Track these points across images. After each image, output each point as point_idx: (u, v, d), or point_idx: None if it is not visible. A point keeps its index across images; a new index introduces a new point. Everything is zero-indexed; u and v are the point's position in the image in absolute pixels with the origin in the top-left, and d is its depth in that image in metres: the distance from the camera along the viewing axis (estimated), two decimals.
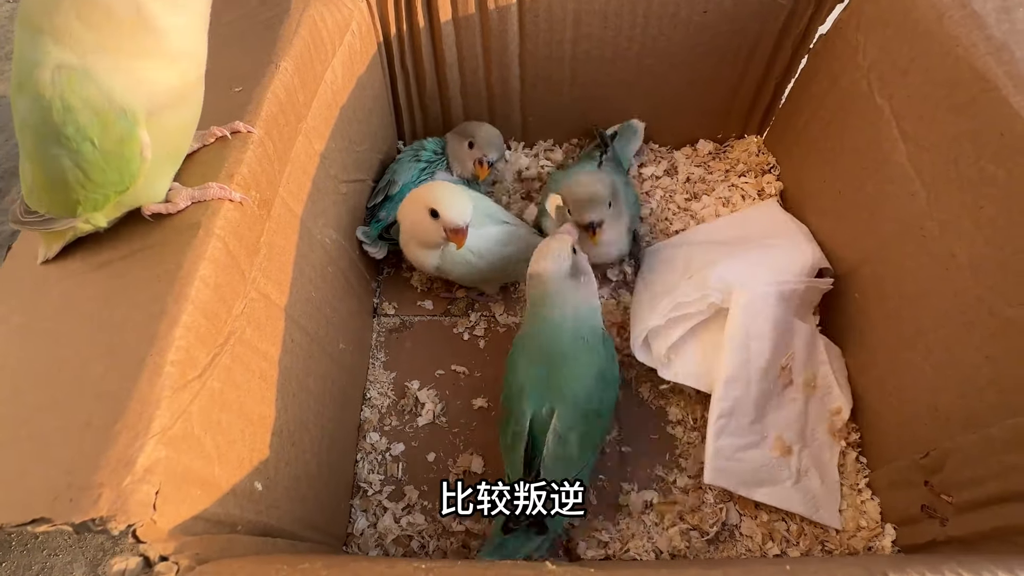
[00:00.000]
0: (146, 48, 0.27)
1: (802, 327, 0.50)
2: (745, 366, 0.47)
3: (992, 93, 0.36)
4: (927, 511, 0.40)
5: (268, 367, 0.35)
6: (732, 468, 0.46)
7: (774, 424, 0.47)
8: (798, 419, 0.48)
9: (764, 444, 0.47)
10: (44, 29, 0.26)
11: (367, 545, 0.46)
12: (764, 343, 0.47)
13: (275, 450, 0.34)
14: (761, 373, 0.47)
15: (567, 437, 0.40)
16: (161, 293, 0.28)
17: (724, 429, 0.46)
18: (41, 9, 0.26)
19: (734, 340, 0.47)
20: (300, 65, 0.41)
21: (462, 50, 0.56)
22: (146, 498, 0.23)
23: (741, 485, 0.45)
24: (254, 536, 0.30)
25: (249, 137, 0.35)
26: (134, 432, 0.24)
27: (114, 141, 0.27)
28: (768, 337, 0.47)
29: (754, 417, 0.47)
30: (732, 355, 0.47)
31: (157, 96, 0.28)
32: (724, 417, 0.46)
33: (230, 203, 0.32)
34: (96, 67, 0.26)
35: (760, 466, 0.46)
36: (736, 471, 0.46)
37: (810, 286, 0.51)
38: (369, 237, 0.54)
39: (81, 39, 0.26)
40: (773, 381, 0.48)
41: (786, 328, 0.49)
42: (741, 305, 0.47)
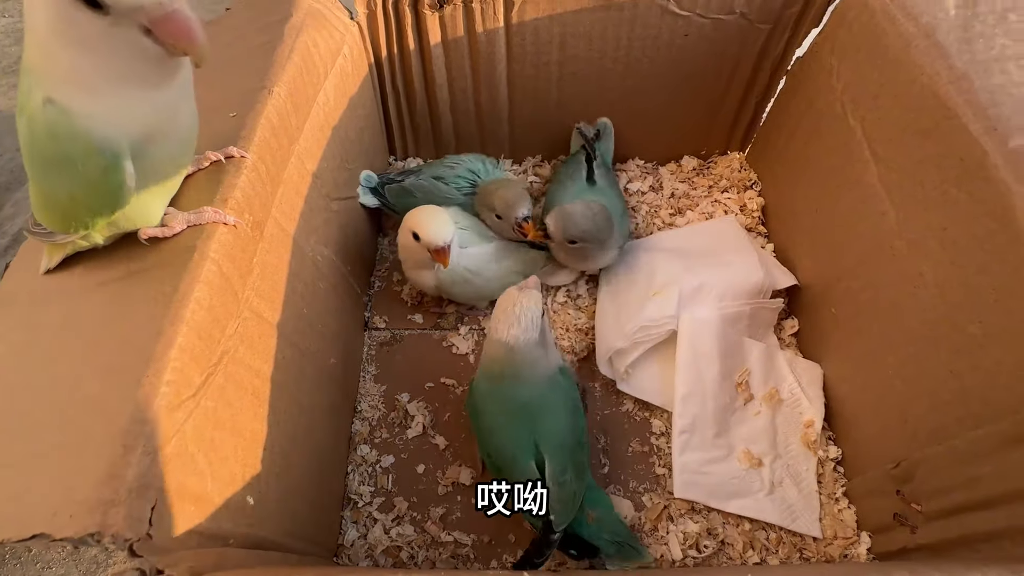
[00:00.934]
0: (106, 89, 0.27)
1: (755, 345, 0.53)
2: (699, 383, 0.50)
3: (953, 120, 0.38)
4: (899, 519, 0.42)
5: (260, 384, 0.36)
6: (700, 481, 0.48)
7: (740, 437, 0.50)
8: (766, 431, 0.50)
9: (731, 457, 0.49)
10: (26, 66, 0.28)
11: (357, 556, 0.47)
12: (712, 362, 0.51)
13: (266, 465, 0.35)
14: (715, 389, 0.50)
15: (564, 479, 0.41)
16: (157, 315, 0.30)
17: (687, 444, 0.49)
18: (26, 46, 0.28)
19: (683, 360, 0.51)
20: (293, 89, 0.42)
21: (451, 71, 0.58)
22: (142, 514, 0.24)
23: (711, 497, 0.47)
24: (246, 549, 0.31)
25: (243, 161, 0.36)
26: (131, 450, 0.25)
27: (97, 171, 0.28)
28: (715, 356, 0.51)
29: (716, 431, 0.49)
30: (684, 374, 0.50)
31: (136, 132, 0.29)
32: (686, 432, 0.49)
33: (224, 226, 0.33)
34: (72, 105, 0.27)
35: (730, 478, 0.48)
36: (705, 484, 0.48)
37: (760, 307, 0.54)
38: (370, 182, 0.57)
39: (57, 81, 0.27)
40: (731, 396, 0.51)
41: (735, 347, 0.52)
42: (686, 330, 0.51)
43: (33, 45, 0.27)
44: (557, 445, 0.42)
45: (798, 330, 0.56)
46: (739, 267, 0.55)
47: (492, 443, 0.44)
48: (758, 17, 0.53)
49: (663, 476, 0.50)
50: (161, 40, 0.27)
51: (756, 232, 0.62)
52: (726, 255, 0.57)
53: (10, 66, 0.92)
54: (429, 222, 0.49)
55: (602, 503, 0.46)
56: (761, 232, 0.62)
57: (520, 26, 0.54)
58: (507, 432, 0.43)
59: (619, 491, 0.49)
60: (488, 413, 0.44)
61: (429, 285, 0.54)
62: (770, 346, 0.54)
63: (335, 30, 0.49)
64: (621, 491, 0.49)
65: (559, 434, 0.43)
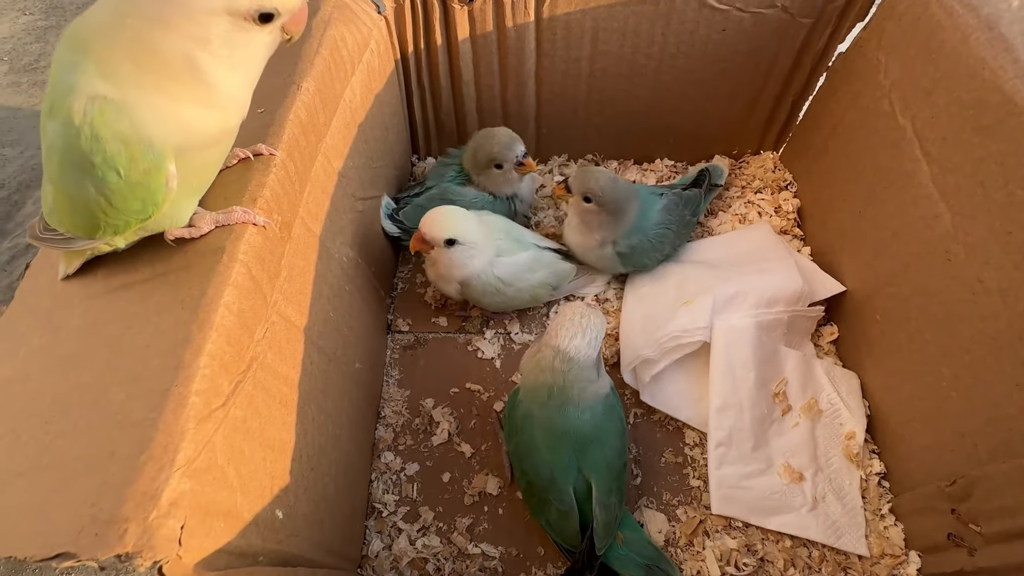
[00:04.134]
0: (192, 97, 0.27)
1: (792, 354, 0.51)
2: (735, 394, 0.48)
3: (1021, 117, 0.35)
4: (954, 540, 0.40)
5: (288, 391, 0.35)
6: (739, 496, 0.46)
7: (779, 451, 0.47)
8: (806, 444, 0.47)
9: (771, 471, 0.47)
10: (91, 55, 0.26)
11: (382, 568, 0.45)
12: (748, 371, 0.49)
13: (295, 476, 0.34)
14: (752, 400, 0.48)
15: (609, 502, 0.40)
16: (185, 319, 0.28)
17: (724, 458, 0.47)
18: (95, 35, 0.26)
19: (718, 370, 0.48)
20: (321, 85, 0.41)
21: (479, 67, 0.56)
22: (172, 533, 0.23)
23: (752, 513, 0.45)
24: (275, 567, 0.30)
25: (272, 160, 0.35)
26: (159, 464, 0.24)
27: (140, 172, 0.27)
28: (751, 366, 0.49)
29: (754, 444, 0.47)
30: (719, 384, 0.48)
31: (193, 138, 0.28)
32: (723, 446, 0.47)
33: (253, 227, 0.32)
34: (133, 102, 0.26)
35: (771, 493, 0.46)
36: (744, 499, 0.45)
37: (798, 314, 0.51)
38: (388, 208, 0.56)
39: (127, 75, 0.26)
40: (768, 407, 0.49)
41: (771, 356, 0.50)
42: (721, 337, 0.49)
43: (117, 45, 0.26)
44: (604, 468, 0.41)
45: (837, 337, 0.54)
46: (776, 275, 0.53)
47: (530, 462, 0.42)
48: (800, 11, 0.51)
49: (698, 488, 0.48)
50: (288, 30, 0.29)
51: (792, 235, 0.60)
52: (762, 263, 0.54)
53: (30, 64, 0.91)
54: (431, 218, 0.48)
55: (630, 524, 0.44)
56: (797, 235, 0.60)
57: (551, 20, 0.52)
58: (549, 455, 0.41)
59: (652, 504, 0.47)
60: (530, 434, 0.42)
61: (452, 291, 0.53)
62: (807, 354, 0.52)
63: (363, 24, 0.47)
64: (654, 504, 0.47)
65: (607, 458, 0.41)
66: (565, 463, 0.40)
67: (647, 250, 0.54)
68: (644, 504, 0.47)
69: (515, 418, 0.44)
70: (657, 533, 0.46)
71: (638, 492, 0.48)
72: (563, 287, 0.56)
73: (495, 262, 0.50)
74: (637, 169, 0.66)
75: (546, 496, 0.41)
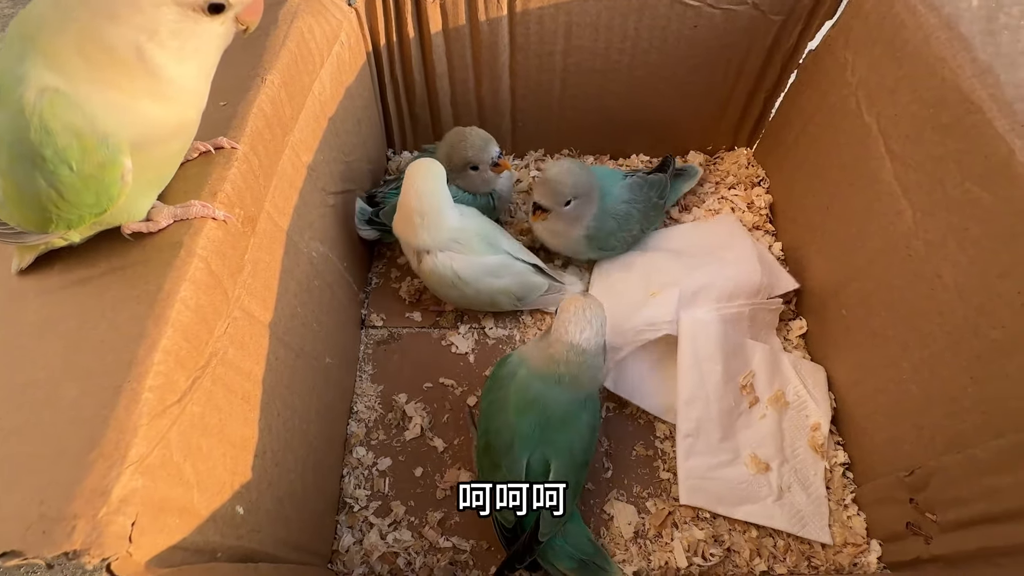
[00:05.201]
0: (144, 89, 0.26)
1: (758, 347, 0.52)
2: (702, 387, 0.49)
3: (977, 115, 0.36)
4: (912, 529, 0.41)
5: (251, 387, 0.35)
6: (707, 487, 0.46)
7: (747, 442, 0.48)
8: (773, 436, 0.48)
9: (738, 462, 0.47)
10: (39, 48, 0.26)
11: (352, 563, 0.45)
12: (715, 364, 0.49)
13: (258, 472, 0.33)
14: (719, 392, 0.49)
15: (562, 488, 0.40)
16: (140, 315, 0.28)
17: (692, 449, 0.48)
18: (42, 26, 0.26)
19: (685, 363, 0.49)
20: (287, 78, 0.41)
21: (452, 60, 0.56)
22: (122, 530, 0.23)
23: (719, 503, 0.46)
24: (235, 563, 0.30)
25: (233, 153, 0.34)
26: (110, 461, 0.24)
27: (94, 166, 0.26)
28: (718, 359, 0.49)
29: (722, 435, 0.48)
30: (686, 377, 0.49)
31: (149, 132, 0.28)
32: (690, 437, 0.48)
33: (213, 221, 0.31)
34: (84, 94, 0.26)
35: (737, 484, 0.46)
36: (712, 490, 0.46)
37: (758, 307, 0.52)
38: (364, 215, 0.55)
39: (76, 68, 0.26)
40: (736, 399, 0.49)
41: (738, 349, 0.51)
42: (687, 331, 0.50)
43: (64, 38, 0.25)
44: (567, 455, 0.41)
45: (806, 331, 0.55)
46: (738, 266, 0.54)
47: (496, 422, 0.43)
48: (771, 8, 0.51)
49: (667, 481, 0.48)
50: (243, 21, 0.29)
51: (764, 230, 0.60)
52: (725, 253, 0.55)
53: None
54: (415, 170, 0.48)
55: (575, 519, 0.44)
56: (769, 230, 0.60)
57: (524, 15, 0.52)
58: (516, 418, 0.42)
59: (622, 496, 0.48)
60: (505, 392, 0.43)
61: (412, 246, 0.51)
62: (774, 348, 0.53)
63: (332, 16, 0.47)
64: (624, 496, 0.48)
65: (572, 446, 0.42)
66: (528, 433, 0.41)
67: (613, 231, 0.54)
68: (615, 497, 0.48)
69: (500, 376, 0.44)
70: (627, 525, 0.46)
71: (609, 485, 0.48)
72: (530, 299, 0.54)
73: (454, 257, 0.49)
74: (613, 164, 0.66)
75: (499, 461, 0.41)
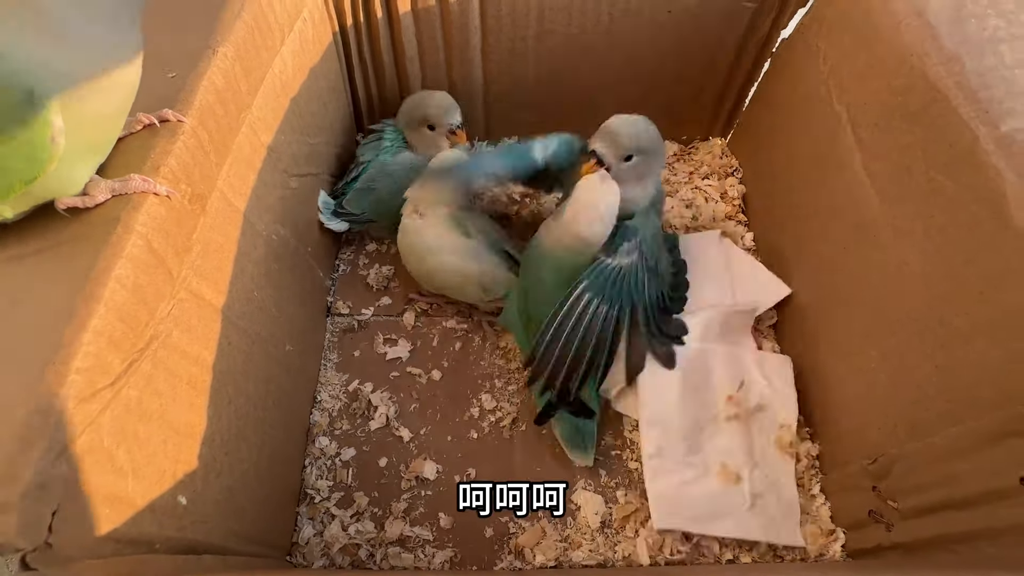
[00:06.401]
0: (45, 29, 0.24)
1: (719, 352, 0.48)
2: (661, 403, 0.47)
3: (942, 103, 0.36)
4: (874, 516, 0.41)
5: (199, 372, 0.33)
6: (680, 507, 0.44)
7: (715, 451, 0.46)
8: (740, 441, 0.46)
9: (708, 476, 0.45)
10: None
11: (312, 555, 0.44)
12: (673, 377, 0.47)
13: (204, 461, 0.32)
14: (680, 407, 0.46)
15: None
16: (71, 293, 0.26)
17: (659, 470, 0.45)
18: None
19: (644, 382, 0.47)
20: (243, 52, 0.39)
21: (422, 43, 0.55)
22: (39, 519, 0.21)
23: (694, 522, 0.44)
24: (175, 555, 0.28)
25: (180, 126, 0.33)
26: (29, 446, 0.22)
27: (19, 125, 0.25)
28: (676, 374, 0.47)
29: (687, 448, 0.46)
30: (645, 395, 0.47)
31: (73, 83, 0.26)
32: (655, 458, 0.46)
33: (155, 197, 0.30)
34: (3, 47, 0.24)
35: (710, 498, 0.44)
36: (686, 508, 0.44)
37: (731, 312, 0.50)
38: (328, 208, 0.54)
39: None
40: (698, 409, 0.47)
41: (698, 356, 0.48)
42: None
43: None
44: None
45: (776, 321, 0.55)
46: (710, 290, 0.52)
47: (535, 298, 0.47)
48: None
49: (636, 471, 0.48)
50: None
51: (736, 220, 0.60)
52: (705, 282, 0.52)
53: None
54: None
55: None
56: (741, 220, 0.60)
57: None
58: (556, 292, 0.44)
59: (590, 486, 0.47)
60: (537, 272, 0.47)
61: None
62: (737, 348, 0.50)
63: None
64: (592, 485, 0.47)
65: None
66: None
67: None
68: (584, 487, 0.47)
69: (530, 258, 0.48)
70: (594, 515, 0.46)
71: (576, 474, 0.48)
72: (495, 292, 0.51)
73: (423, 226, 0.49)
74: None
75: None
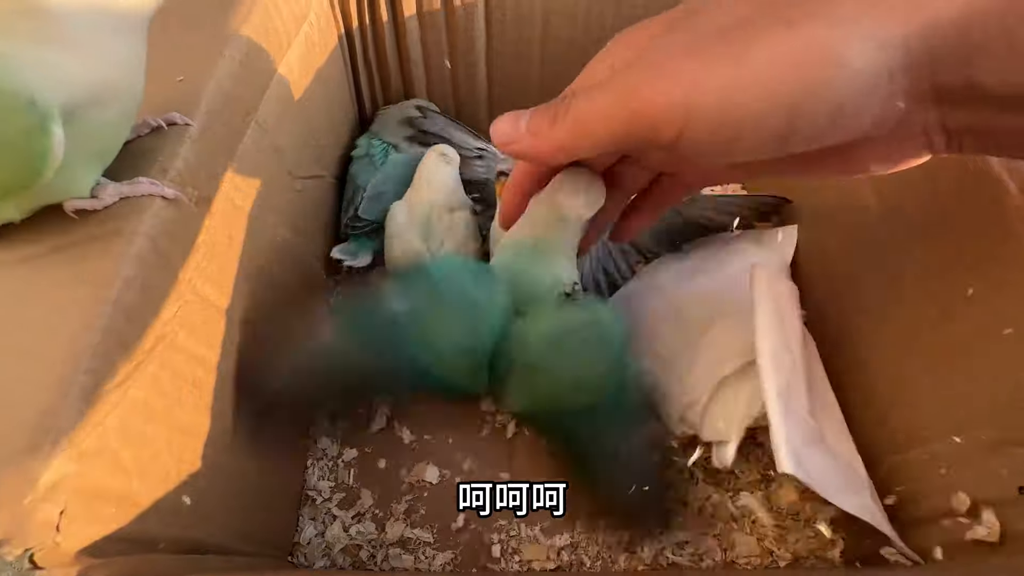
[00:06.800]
0: (43, 34, 0.25)
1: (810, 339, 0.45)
2: (785, 345, 0.38)
3: None
4: None
5: (204, 373, 0.33)
6: (809, 459, 0.35)
7: (828, 421, 0.40)
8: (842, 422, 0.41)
9: (826, 442, 0.38)
10: None
11: (314, 555, 0.44)
12: (797, 323, 0.41)
13: (208, 461, 0.32)
14: (801, 360, 0.40)
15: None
16: (81, 295, 0.27)
17: (788, 409, 0.36)
18: None
19: (765, 312, 0.38)
20: (250, 55, 0.39)
21: (427, 47, 0.55)
22: (48, 518, 0.22)
23: (825, 485, 0.35)
24: (179, 554, 0.29)
25: (187, 129, 0.33)
26: (39, 446, 0.23)
27: (19, 133, 0.25)
28: (797, 323, 0.41)
29: (809, 409, 0.38)
30: (767, 328, 0.38)
31: (75, 91, 0.26)
32: (783, 396, 0.36)
33: (162, 200, 0.30)
34: (7, 52, 0.24)
35: (833, 467, 0.37)
36: (810, 467, 0.35)
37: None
38: (349, 252, 0.52)
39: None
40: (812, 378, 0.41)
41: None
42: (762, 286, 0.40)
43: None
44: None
45: None
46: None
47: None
48: None
49: None
50: None
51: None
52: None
53: None
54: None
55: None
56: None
57: (500, 0, 0.51)
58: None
59: None
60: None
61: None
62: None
63: None
64: None
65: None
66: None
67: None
68: None
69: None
70: None
71: None
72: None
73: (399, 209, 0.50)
74: None
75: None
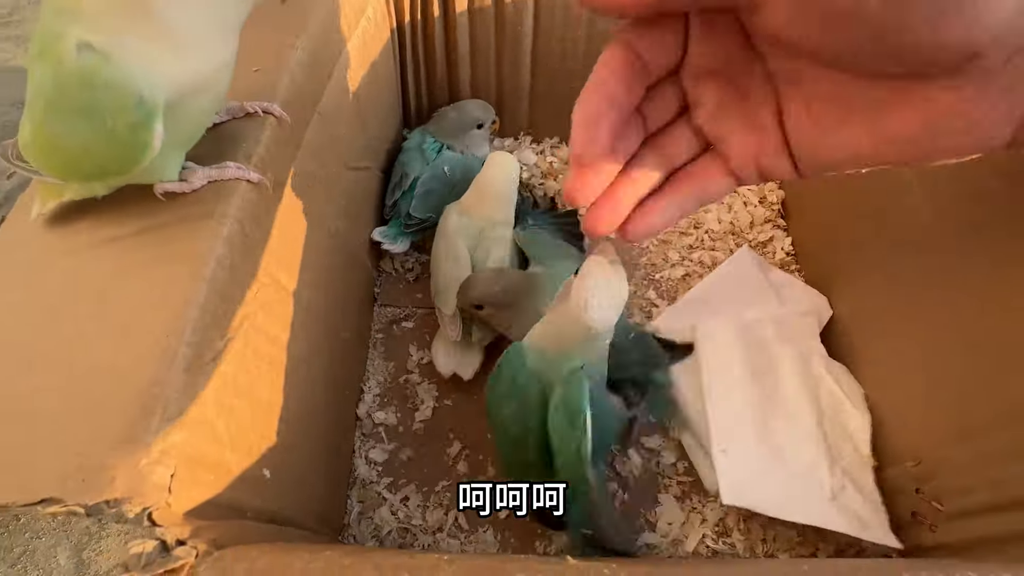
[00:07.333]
0: (152, 34, 0.26)
1: (786, 352, 0.49)
2: (727, 397, 0.46)
3: None
4: (918, 518, 0.42)
5: (277, 353, 0.35)
6: (750, 487, 0.41)
7: (787, 444, 0.44)
8: (813, 437, 0.45)
9: (782, 462, 0.43)
10: (63, 7, 0.26)
11: (363, 536, 0.45)
12: (743, 368, 0.47)
13: (282, 437, 0.34)
14: (746, 398, 0.46)
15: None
16: (177, 273, 0.28)
17: (728, 451, 0.43)
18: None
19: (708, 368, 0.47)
20: (318, 47, 0.40)
21: (475, 41, 0.56)
22: (162, 480, 0.23)
23: (766, 504, 0.40)
24: (262, 523, 0.30)
25: (266, 118, 0.34)
26: (150, 413, 0.24)
27: (126, 126, 0.26)
28: (741, 364, 0.48)
29: (757, 440, 0.44)
30: (712, 383, 0.46)
31: (175, 84, 0.27)
32: (725, 452, 0.43)
33: (247, 184, 0.31)
34: (117, 50, 0.26)
35: (784, 484, 0.41)
36: (757, 490, 0.41)
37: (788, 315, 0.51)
38: (388, 236, 0.55)
39: (95, 19, 0.25)
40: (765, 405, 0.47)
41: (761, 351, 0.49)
42: (704, 348, 0.48)
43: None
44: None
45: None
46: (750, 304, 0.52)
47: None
48: None
49: None
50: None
51: (774, 224, 0.61)
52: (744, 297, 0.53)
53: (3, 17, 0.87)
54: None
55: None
56: (780, 225, 0.61)
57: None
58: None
59: None
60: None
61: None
62: (805, 350, 0.49)
63: None
64: None
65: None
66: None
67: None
68: None
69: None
70: None
71: None
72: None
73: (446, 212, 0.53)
74: None
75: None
